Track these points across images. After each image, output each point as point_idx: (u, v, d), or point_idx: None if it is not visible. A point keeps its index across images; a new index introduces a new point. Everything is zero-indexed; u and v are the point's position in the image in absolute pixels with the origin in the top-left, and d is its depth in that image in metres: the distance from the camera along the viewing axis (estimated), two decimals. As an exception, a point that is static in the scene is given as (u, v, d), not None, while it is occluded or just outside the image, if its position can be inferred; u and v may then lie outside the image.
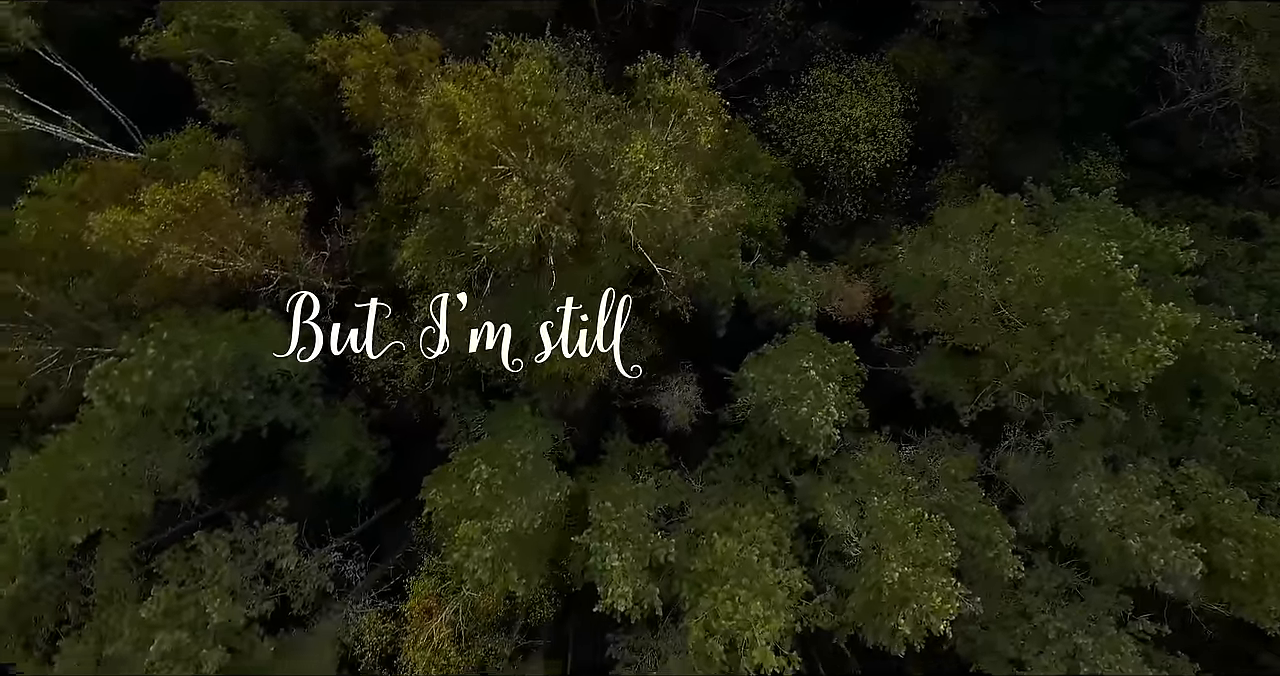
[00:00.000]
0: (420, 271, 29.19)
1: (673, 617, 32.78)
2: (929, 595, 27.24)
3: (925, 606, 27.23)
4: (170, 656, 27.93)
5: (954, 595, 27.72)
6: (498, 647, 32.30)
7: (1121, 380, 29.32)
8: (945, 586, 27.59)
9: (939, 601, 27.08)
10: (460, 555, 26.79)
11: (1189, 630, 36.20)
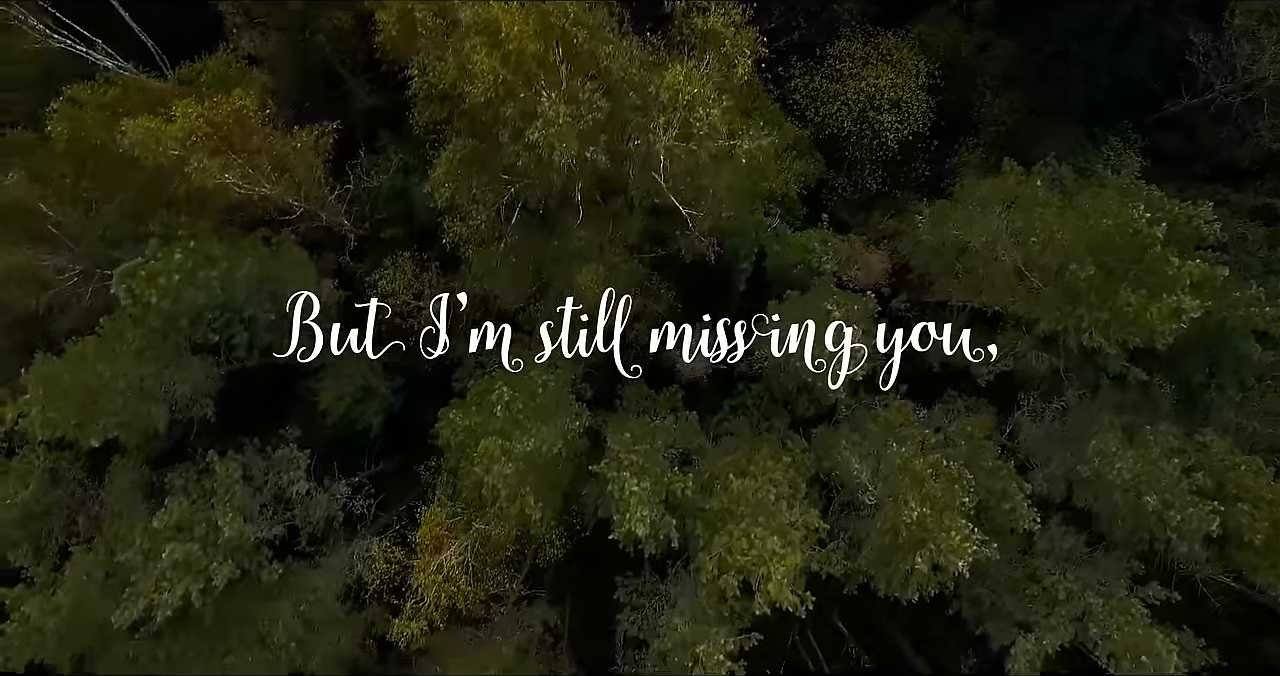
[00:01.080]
0: (451, 191, 29.07)
1: (683, 563, 32.56)
2: (947, 535, 26.97)
3: (943, 545, 26.93)
4: (181, 566, 27.65)
5: (971, 538, 27.40)
6: (503, 590, 31.84)
7: (1145, 335, 29.25)
8: (964, 528, 27.25)
9: (958, 540, 26.85)
10: (481, 469, 26.53)
11: (1196, 604, 36.10)
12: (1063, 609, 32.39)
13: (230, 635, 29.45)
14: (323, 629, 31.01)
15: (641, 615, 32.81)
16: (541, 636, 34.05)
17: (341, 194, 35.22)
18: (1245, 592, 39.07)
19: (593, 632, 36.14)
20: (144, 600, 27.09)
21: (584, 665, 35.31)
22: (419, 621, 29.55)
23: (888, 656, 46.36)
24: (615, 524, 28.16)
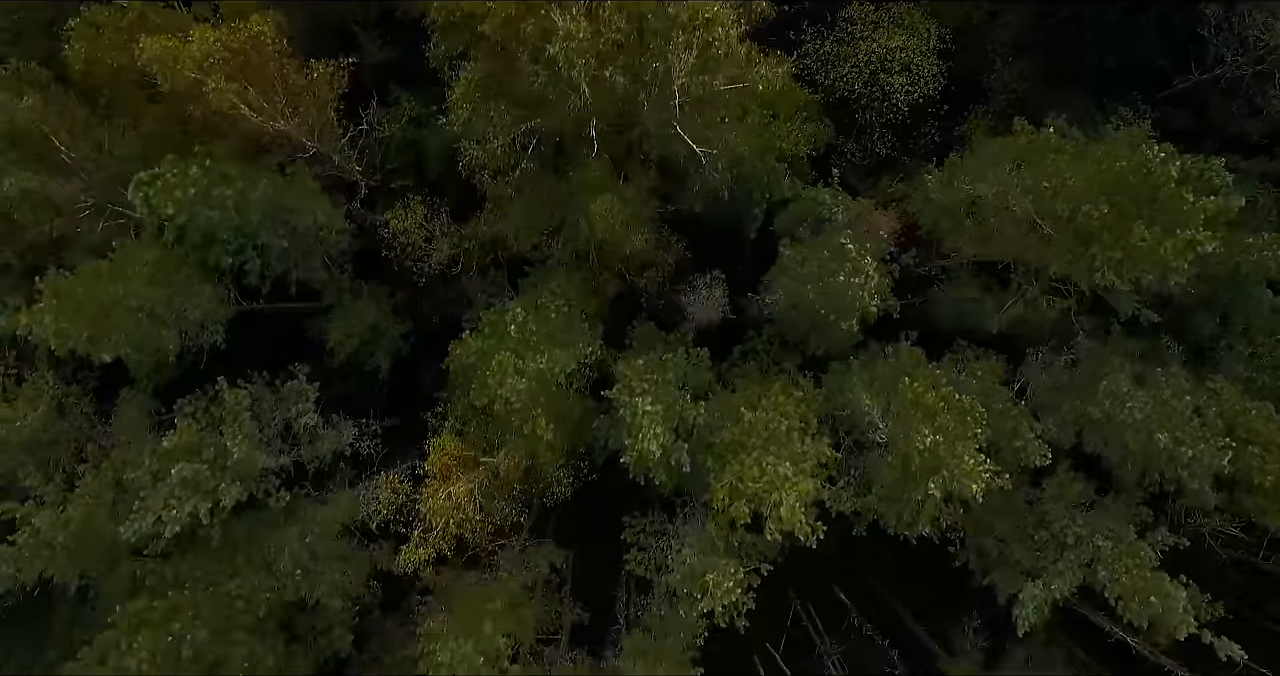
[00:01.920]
0: (468, 113, 29.12)
1: (692, 502, 32.45)
2: (960, 460, 26.87)
3: (956, 470, 26.81)
4: (189, 485, 27.54)
5: (984, 465, 27.31)
6: (510, 525, 31.73)
7: (1159, 272, 29.23)
8: (977, 455, 27.16)
9: (970, 464, 26.74)
10: (494, 382, 26.44)
11: (1203, 557, 36.06)
12: (1071, 553, 32.22)
13: (237, 558, 29.28)
14: (328, 561, 30.68)
15: (648, 554, 32.65)
16: (547, 577, 33.80)
17: (354, 136, 35.12)
18: (1250, 554, 39.05)
19: (598, 577, 35.95)
20: (152, 515, 26.93)
21: (589, 609, 34.91)
22: (426, 548, 29.31)
23: (890, 625, 46.08)
24: (626, 448, 27.99)
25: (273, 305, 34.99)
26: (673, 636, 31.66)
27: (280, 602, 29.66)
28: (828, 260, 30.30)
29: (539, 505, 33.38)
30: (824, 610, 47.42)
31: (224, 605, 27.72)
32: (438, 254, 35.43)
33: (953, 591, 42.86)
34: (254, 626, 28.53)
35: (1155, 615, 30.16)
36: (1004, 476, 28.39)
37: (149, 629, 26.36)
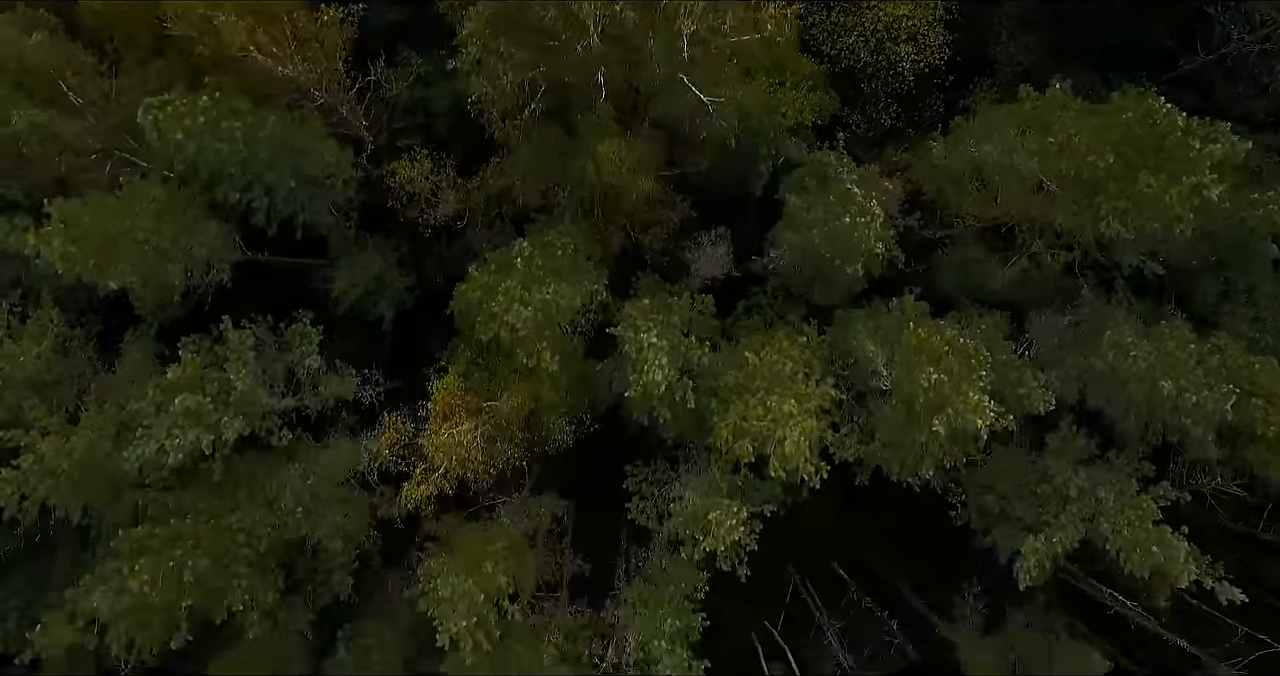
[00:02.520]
0: (479, 51, 29.23)
1: (695, 450, 32.41)
2: (965, 398, 26.85)
3: (961, 407, 26.80)
4: (192, 416, 27.46)
5: (989, 407, 27.30)
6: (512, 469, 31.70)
7: (1164, 220, 29.22)
8: (982, 393, 27.15)
9: (975, 399, 26.72)
10: (500, 308, 26.44)
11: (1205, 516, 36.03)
12: (1073, 507, 32.15)
13: (239, 494, 29.22)
14: (329, 503, 30.64)
15: (650, 503, 32.58)
16: (549, 528, 33.74)
17: (362, 89, 35.24)
18: (1251, 526, 38.99)
19: (599, 530, 35.88)
20: (155, 443, 26.84)
21: (589, 561, 34.83)
22: (428, 486, 29.27)
23: (889, 600, 45.96)
24: (631, 384, 27.98)
25: (277, 258, 35.02)
26: (674, 585, 31.42)
27: (281, 540, 29.53)
28: (834, 205, 30.39)
29: (541, 454, 33.16)
30: (823, 588, 47.20)
31: (225, 537, 27.59)
32: (443, 206, 35.41)
33: (951, 567, 42.75)
34: (254, 561, 28.38)
35: (1156, 565, 30.06)
36: (1008, 417, 28.28)
37: (150, 555, 26.26)
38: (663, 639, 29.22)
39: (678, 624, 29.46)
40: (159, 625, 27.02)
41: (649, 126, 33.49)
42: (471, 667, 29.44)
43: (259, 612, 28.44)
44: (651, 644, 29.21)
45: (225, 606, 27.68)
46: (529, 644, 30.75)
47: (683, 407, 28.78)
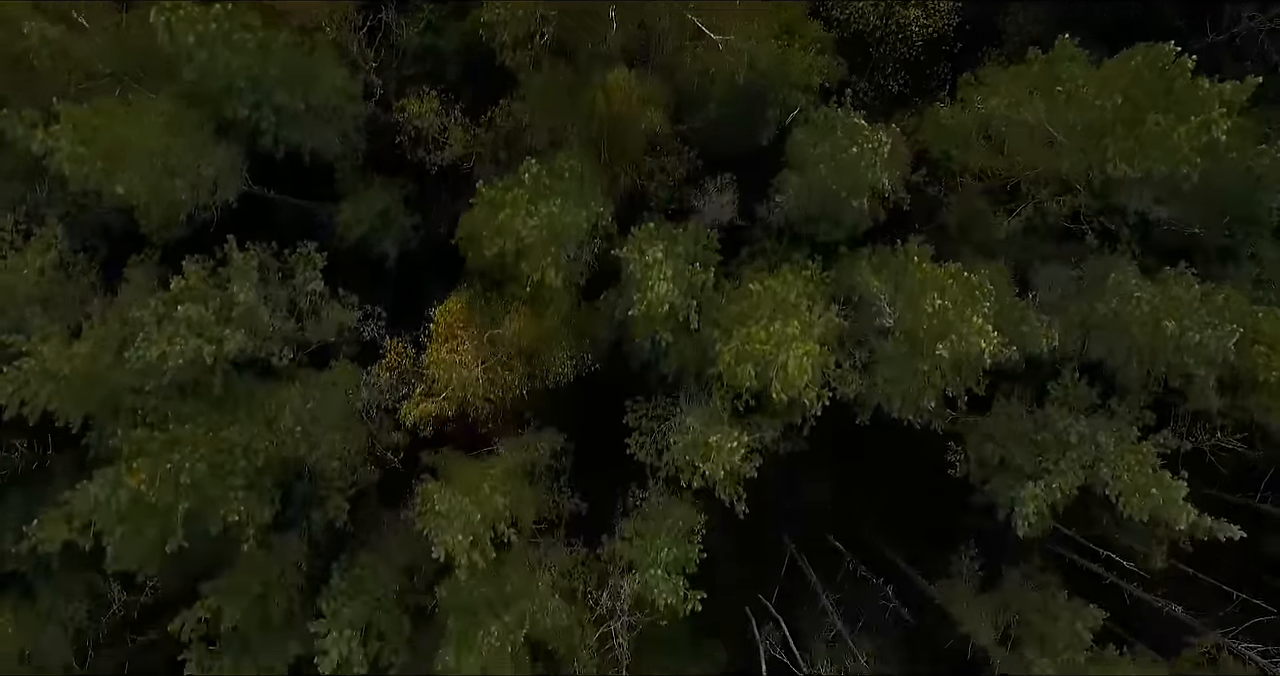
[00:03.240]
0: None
1: (696, 389, 32.38)
2: (970, 322, 26.85)
3: (966, 331, 26.79)
4: (194, 325, 27.35)
5: (993, 335, 27.29)
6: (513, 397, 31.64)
7: (1171, 160, 29.26)
8: (987, 321, 27.15)
9: (979, 323, 26.72)
10: (507, 216, 26.44)
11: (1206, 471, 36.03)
12: (1073, 453, 32.05)
13: (238, 410, 29.08)
14: (327, 427, 30.52)
15: (650, 438, 32.42)
16: (546, 463, 33.64)
17: (373, 27, 35.38)
18: (1248, 498, 38.97)
19: (597, 470, 35.70)
20: (156, 348, 26.70)
21: (586, 500, 34.70)
22: (427, 404, 29.18)
23: (885, 571, 45.82)
24: (635, 303, 27.95)
25: (282, 197, 35.06)
26: (671, 519, 31.32)
27: (279, 459, 29.39)
28: (840, 138, 30.44)
29: (542, 389, 33.08)
30: (819, 562, 47.11)
31: (223, 449, 27.43)
32: (451, 147, 35.40)
33: (947, 542, 42.64)
34: (252, 477, 28.19)
35: (1155, 507, 29.95)
36: (1010, 348, 28.27)
37: (148, 456, 26.11)
38: (659, 567, 28.93)
39: (674, 552, 29.26)
40: (154, 528, 26.76)
41: (658, 76, 33.46)
42: (467, 590, 29.26)
43: (254, 528, 28.04)
44: (648, 572, 28.84)
45: (221, 517, 27.30)
46: (525, 575, 30.44)
47: (686, 331, 28.67)
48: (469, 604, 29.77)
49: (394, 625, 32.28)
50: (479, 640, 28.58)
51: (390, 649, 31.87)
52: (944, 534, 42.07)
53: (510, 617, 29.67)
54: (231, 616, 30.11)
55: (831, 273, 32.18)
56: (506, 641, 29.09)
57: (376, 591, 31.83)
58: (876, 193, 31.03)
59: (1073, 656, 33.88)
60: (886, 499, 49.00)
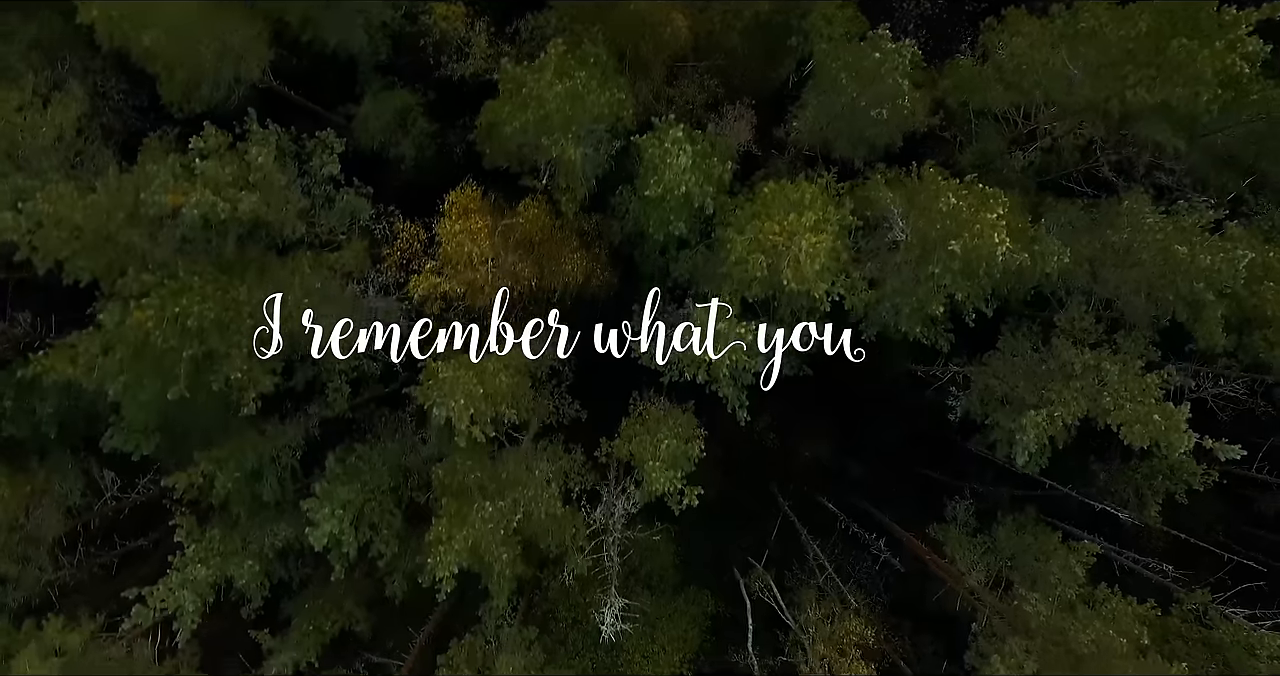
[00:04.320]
0: None
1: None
2: (983, 219, 26.92)
3: (978, 227, 26.85)
4: (210, 182, 27.34)
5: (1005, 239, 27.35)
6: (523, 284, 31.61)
7: (1190, 88, 29.43)
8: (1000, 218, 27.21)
9: (993, 218, 26.80)
10: (531, 80, 26.51)
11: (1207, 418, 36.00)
12: (1078, 383, 31.90)
13: (248, 274, 28.92)
14: (336, 307, 30.45)
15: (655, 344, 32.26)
16: (550, 365, 33.59)
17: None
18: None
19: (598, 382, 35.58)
20: (173, 197, 26.69)
21: (586, 409, 34.58)
22: (436, 279, 29.12)
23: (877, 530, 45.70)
24: (652, 184, 27.99)
25: (301, 98, 35.15)
26: (673, 420, 31.23)
27: (285, 331, 29.19)
28: (864, 48, 30.59)
29: (550, 293, 33.06)
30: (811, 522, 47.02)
31: (232, 307, 27.23)
32: (475, 56, 35.49)
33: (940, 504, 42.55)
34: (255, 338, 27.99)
35: (1156, 434, 29.72)
36: (1022, 254, 28.30)
37: (157, 296, 25.96)
38: (658, 459, 28.79)
39: (674, 446, 29.12)
40: (157, 380, 26.61)
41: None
42: (464, 472, 29.15)
43: (255, 393, 27.88)
44: (646, 464, 28.70)
45: (224, 374, 27.15)
46: (522, 470, 30.31)
47: (699, 228, 28.62)
48: (464, 485, 29.61)
49: (386, 518, 32.00)
50: (473, 514, 28.33)
51: (381, 540, 31.55)
52: (938, 499, 41.87)
53: (505, 502, 29.43)
54: (223, 485, 29.90)
55: (845, 186, 32.06)
56: (500, 524, 28.85)
57: (371, 482, 31.60)
58: (898, 106, 30.92)
59: (1064, 591, 33.31)
60: (882, 469, 49.11)
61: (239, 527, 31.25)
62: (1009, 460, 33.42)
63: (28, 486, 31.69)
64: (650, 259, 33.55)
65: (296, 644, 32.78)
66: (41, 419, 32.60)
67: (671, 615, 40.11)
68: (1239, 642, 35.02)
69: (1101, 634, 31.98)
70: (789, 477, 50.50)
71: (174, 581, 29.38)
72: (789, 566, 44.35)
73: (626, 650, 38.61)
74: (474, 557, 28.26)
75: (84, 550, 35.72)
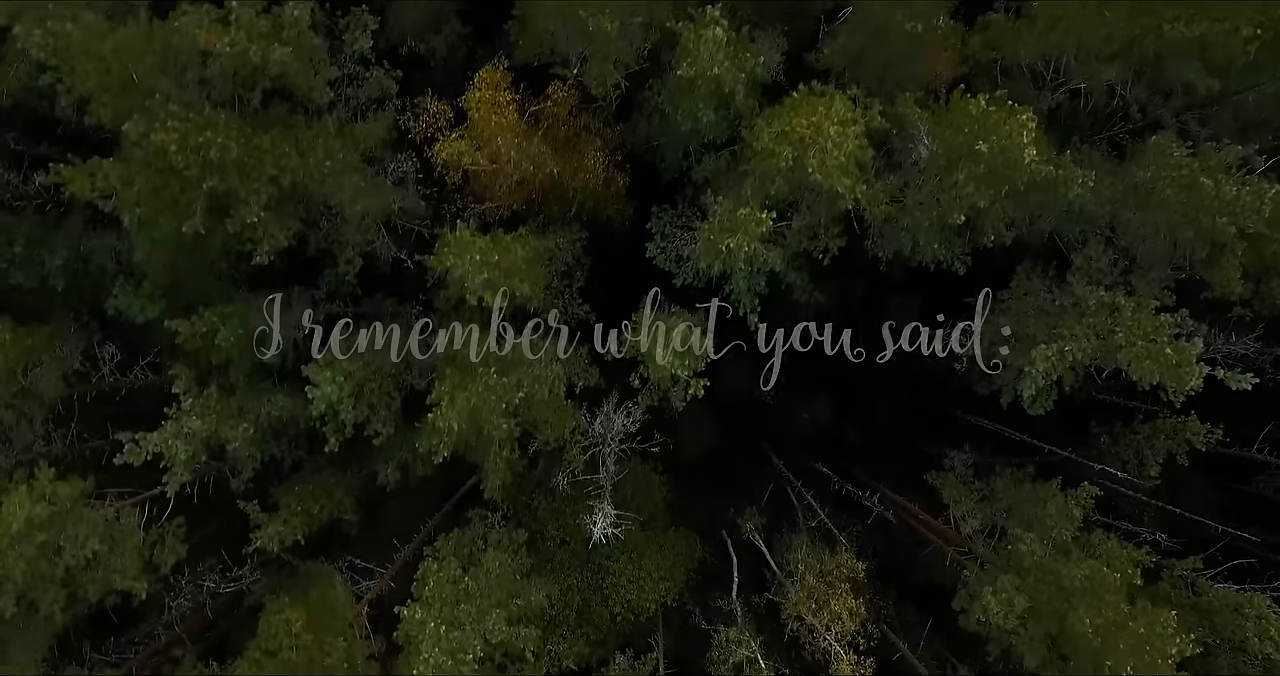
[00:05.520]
0: None
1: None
2: (1015, 120, 26.91)
3: (1009, 129, 26.85)
4: (244, 25, 27.22)
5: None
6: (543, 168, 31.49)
7: (1229, 26, 29.50)
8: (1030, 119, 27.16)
9: (1024, 118, 26.80)
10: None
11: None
12: (1090, 319, 31.75)
13: (273, 127, 28.72)
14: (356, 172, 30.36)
15: (672, 243, 32.20)
16: (565, 259, 33.50)
17: None
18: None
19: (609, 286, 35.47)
20: (204, 35, 26.57)
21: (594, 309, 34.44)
22: (462, 144, 29.03)
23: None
24: (685, 67, 27.96)
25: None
26: (684, 322, 31.08)
27: (305, 191, 29.06)
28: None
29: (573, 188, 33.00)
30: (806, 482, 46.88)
31: (253, 153, 27.02)
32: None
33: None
34: (276, 197, 27.87)
35: (1167, 368, 29.56)
36: (1048, 166, 28.25)
37: (180, 123, 25.77)
38: (668, 347, 28.59)
39: (684, 330, 28.91)
40: (175, 211, 26.41)
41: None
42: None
43: (269, 245, 27.75)
44: (655, 351, 28.53)
45: (240, 218, 26.99)
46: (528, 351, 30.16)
47: (726, 119, 28.58)
48: (469, 361, 29.33)
49: (385, 399, 31.75)
50: (477, 381, 28.12)
51: (379, 420, 31.27)
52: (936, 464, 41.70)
53: (509, 379, 29.21)
54: (225, 339, 29.59)
55: (874, 100, 31.98)
56: (501, 397, 28.61)
57: (374, 363, 31.27)
58: (932, 25, 30.96)
59: (1060, 533, 33.04)
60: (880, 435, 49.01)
61: (237, 394, 30.90)
62: (1011, 407, 33.31)
63: (29, 339, 31.33)
64: (672, 161, 33.45)
65: (284, 521, 32.36)
66: (50, 271, 32.34)
67: (660, 548, 39.78)
68: (1227, 605, 34.67)
69: (1095, 570, 31.59)
70: (785, 440, 50.34)
71: (168, 431, 28.94)
72: (779, 526, 43.93)
73: (613, 573, 38.23)
74: (472, 422, 27.98)
75: (76, 431, 35.25)
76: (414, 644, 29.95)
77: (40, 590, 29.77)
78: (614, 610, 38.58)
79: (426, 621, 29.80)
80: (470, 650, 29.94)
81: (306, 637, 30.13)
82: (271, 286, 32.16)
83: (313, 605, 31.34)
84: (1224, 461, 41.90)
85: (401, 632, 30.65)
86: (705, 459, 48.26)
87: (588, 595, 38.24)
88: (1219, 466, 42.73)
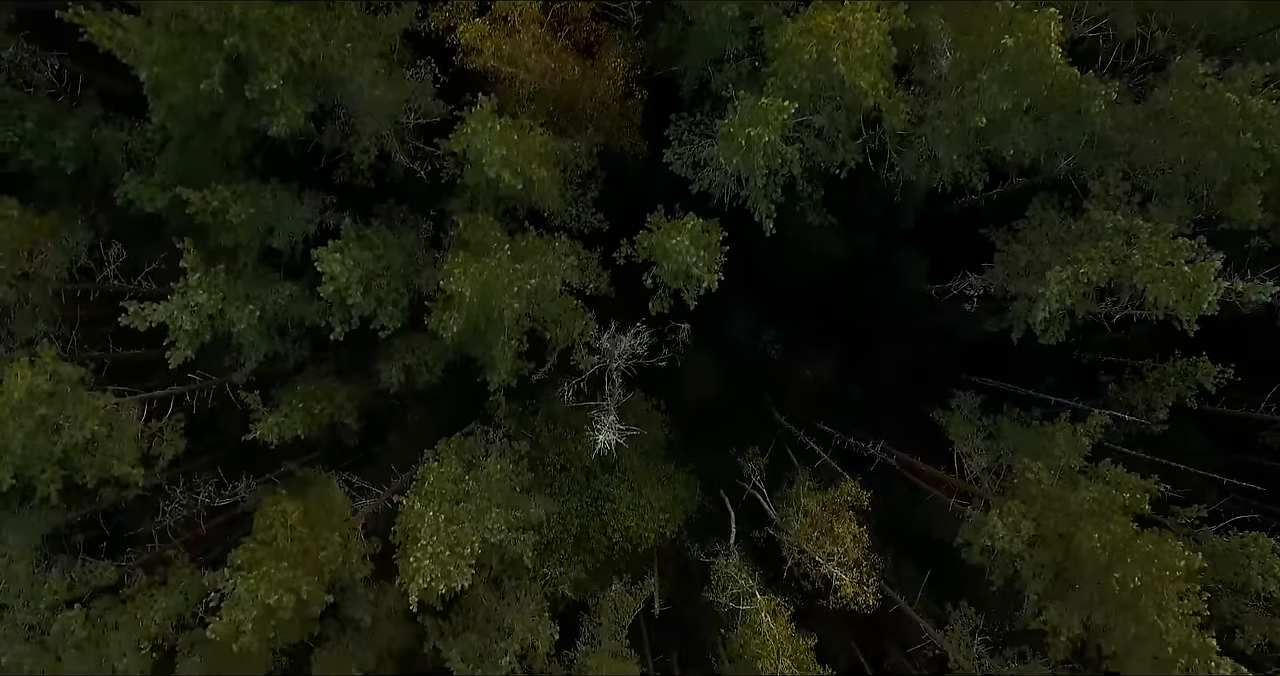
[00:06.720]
0: None
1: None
2: (1041, 18, 26.75)
3: (1035, 25, 26.74)
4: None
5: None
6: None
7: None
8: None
9: (1052, 11, 26.65)
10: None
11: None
12: (1106, 242, 31.47)
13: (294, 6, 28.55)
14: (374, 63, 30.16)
15: (689, 149, 31.98)
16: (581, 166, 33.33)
17: None
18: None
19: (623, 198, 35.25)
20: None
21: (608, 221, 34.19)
22: (487, 26, 28.85)
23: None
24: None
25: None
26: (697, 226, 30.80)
27: (324, 72, 28.85)
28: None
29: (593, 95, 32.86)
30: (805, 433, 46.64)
31: (275, 24, 26.79)
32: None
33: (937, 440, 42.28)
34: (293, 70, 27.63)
35: (1185, 287, 29.27)
36: (1072, 69, 28.07)
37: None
38: (685, 236, 28.37)
39: (697, 226, 28.67)
40: (194, 75, 26.18)
41: None
42: (485, 227, 28.74)
43: (287, 118, 27.48)
44: (668, 244, 28.28)
45: (260, 83, 26.76)
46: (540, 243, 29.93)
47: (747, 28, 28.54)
48: (483, 240, 29.06)
49: (393, 295, 31.43)
50: (491, 257, 27.83)
51: (385, 314, 30.94)
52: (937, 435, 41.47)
53: (521, 266, 28.95)
54: (236, 216, 29.22)
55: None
56: (514, 280, 28.33)
57: (385, 258, 31.01)
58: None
59: (1068, 461, 32.65)
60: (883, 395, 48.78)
61: (244, 279, 30.53)
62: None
63: (36, 221, 30.93)
64: (693, 72, 33.28)
65: (285, 415, 31.88)
66: (61, 152, 32.03)
67: (660, 481, 39.47)
68: (1230, 549, 34.15)
69: (1104, 492, 31.19)
70: (788, 394, 50.09)
71: (174, 303, 28.48)
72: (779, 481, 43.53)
73: (613, 500, 37.87)
74: (484, 297, 27.63)
75: (77, 338, 34.89)
76: (412, 535, 29.47)
77: (38, 468, 29.21)
78: (612, 538, 38.20)
79: (425, 512, 29.28)
80: (468, 545, 29.47)
81: (302, 530, 29.54)
82: (285, 179, 31.78)
83: (310, 502, 30.85)
84: (1228, 423, 41.58)
85: (400, 526, 30.20)
86: (707, 411, 47.94)
87: (586, 521, 37.88)
88: (1223, 430, 42.47)
